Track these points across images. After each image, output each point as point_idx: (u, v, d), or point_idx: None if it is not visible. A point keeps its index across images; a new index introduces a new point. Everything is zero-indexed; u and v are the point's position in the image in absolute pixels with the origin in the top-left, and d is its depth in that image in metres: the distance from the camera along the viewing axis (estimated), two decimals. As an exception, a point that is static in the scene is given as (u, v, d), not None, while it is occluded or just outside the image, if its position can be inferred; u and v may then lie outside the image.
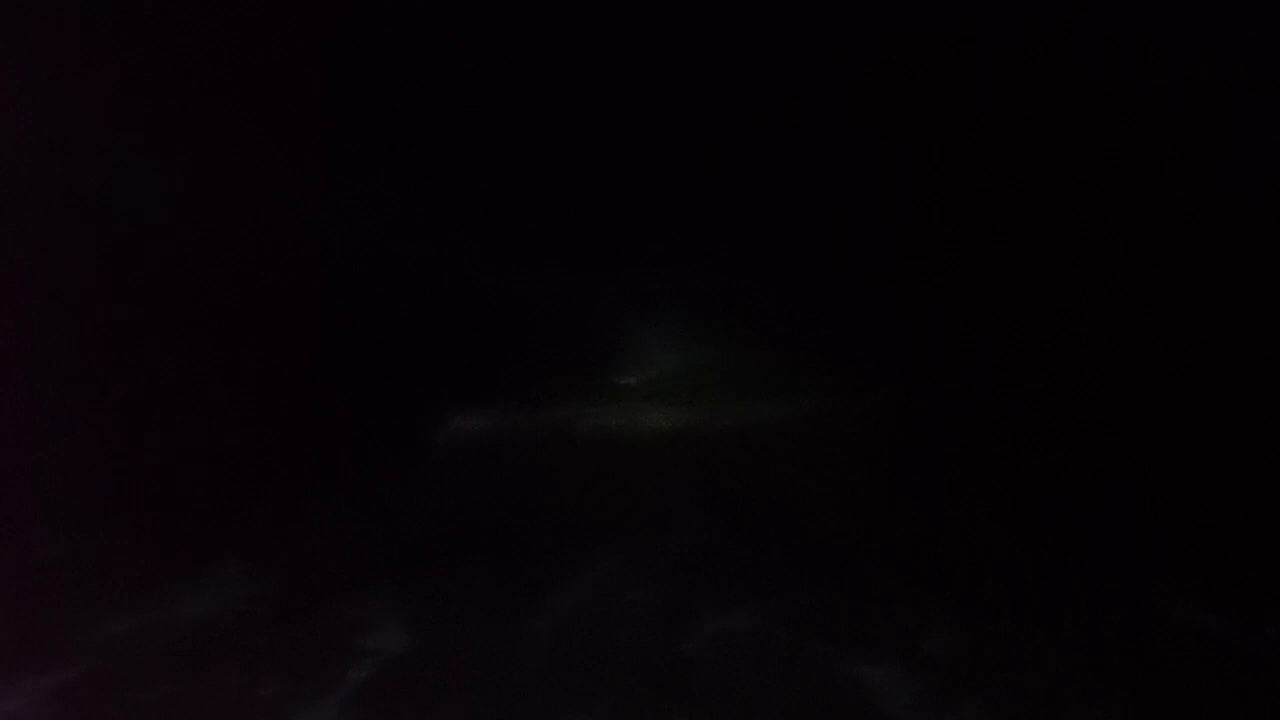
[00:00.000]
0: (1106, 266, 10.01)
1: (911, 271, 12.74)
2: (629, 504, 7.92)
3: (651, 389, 17.62)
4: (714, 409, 15.44)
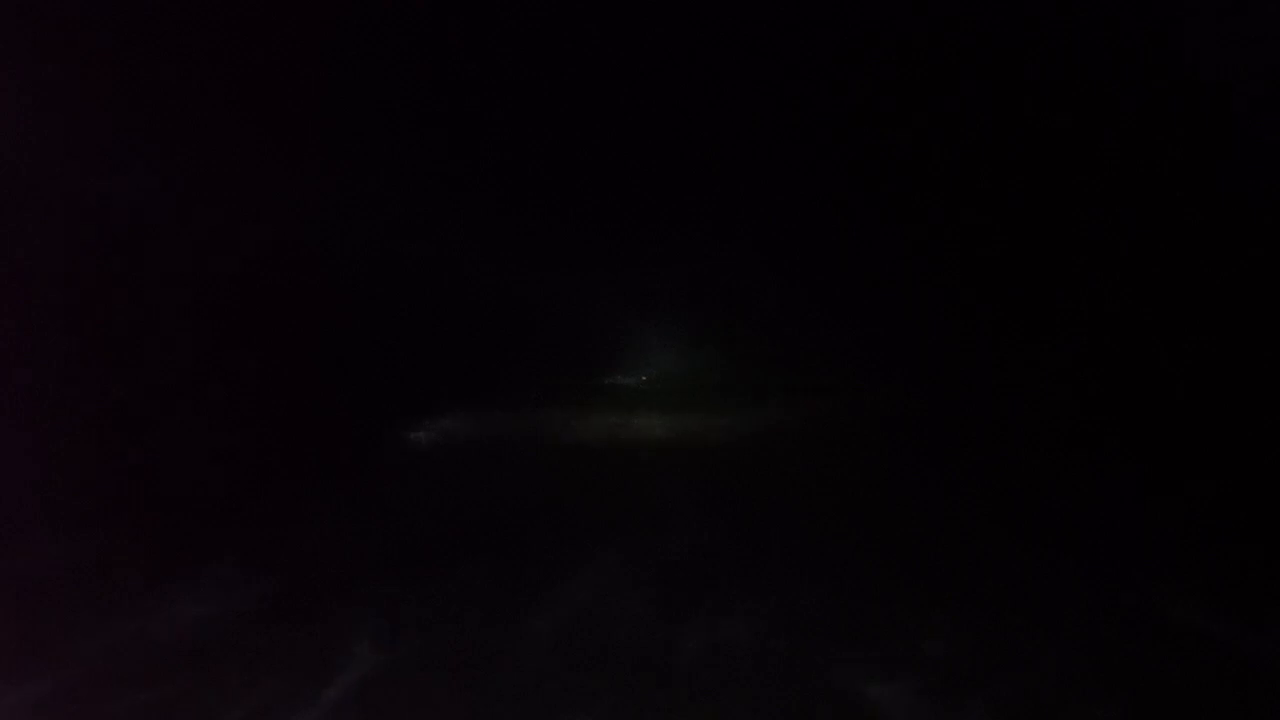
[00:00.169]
0: (1106, 266, 10.01)
1: (911, 271, 12.75)
2: (629, 504, 7.93)
3: (651, 389, 17.64)
4: (713, 409, 15.45)
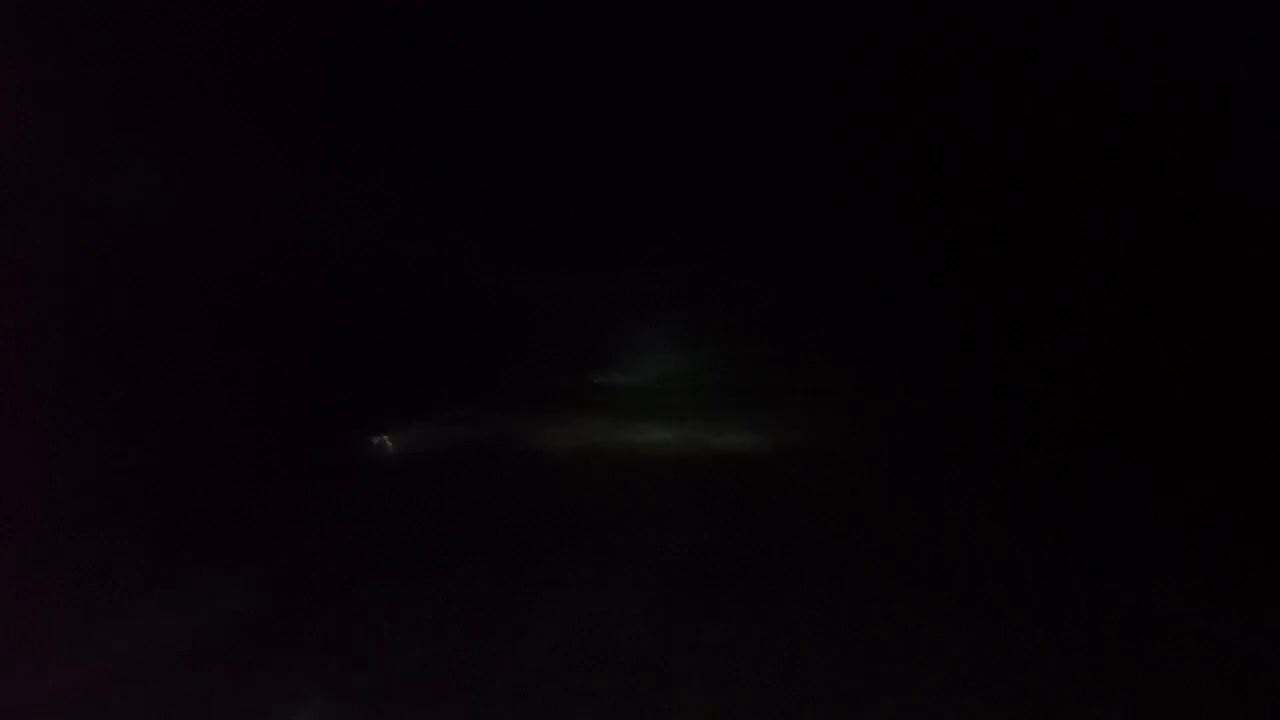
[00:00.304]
0: (1106, 266, 10.01)
1: (912, 271, 12.75)
2: (629, 504, 7.93)
3: (651, 389, 17.65)
4: (713, 408, 15.46)
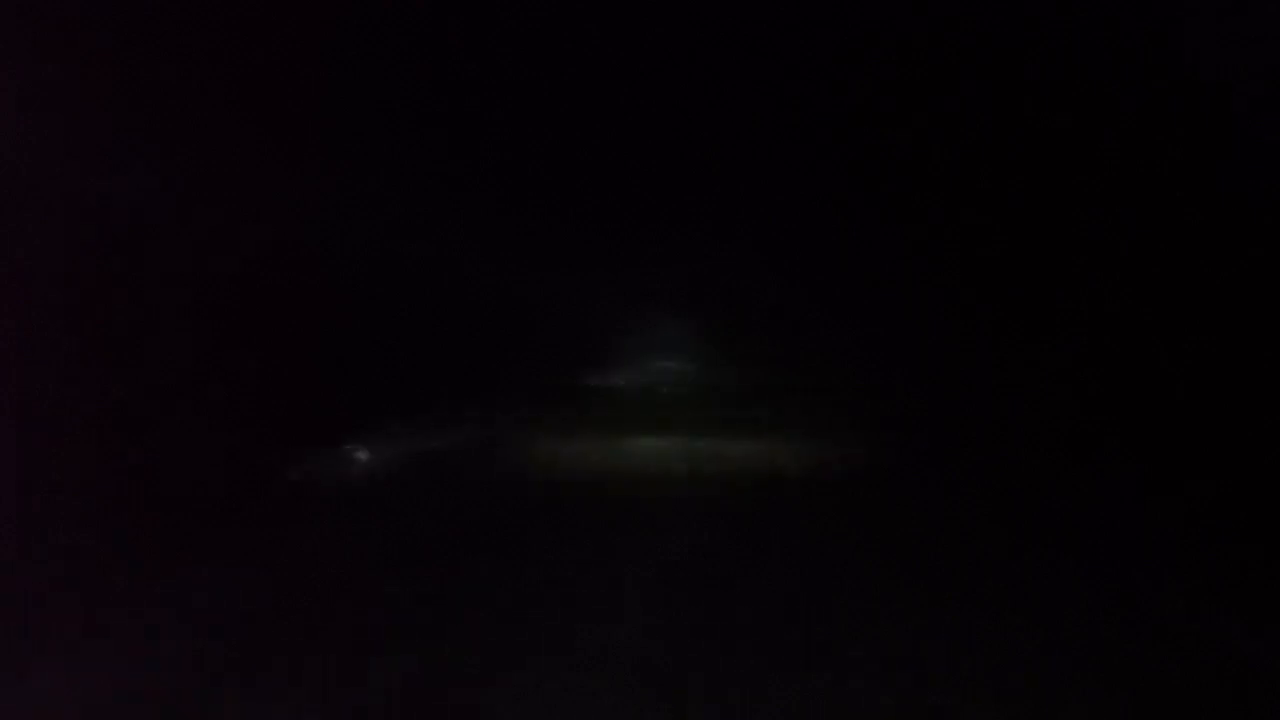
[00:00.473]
0: (1106, 266, 10.01)
1: (912, 271, 12.75)
2: (629, 504, 7.94)
3: (651, 389, 17.65)
4: (713, 408, 15.47)
